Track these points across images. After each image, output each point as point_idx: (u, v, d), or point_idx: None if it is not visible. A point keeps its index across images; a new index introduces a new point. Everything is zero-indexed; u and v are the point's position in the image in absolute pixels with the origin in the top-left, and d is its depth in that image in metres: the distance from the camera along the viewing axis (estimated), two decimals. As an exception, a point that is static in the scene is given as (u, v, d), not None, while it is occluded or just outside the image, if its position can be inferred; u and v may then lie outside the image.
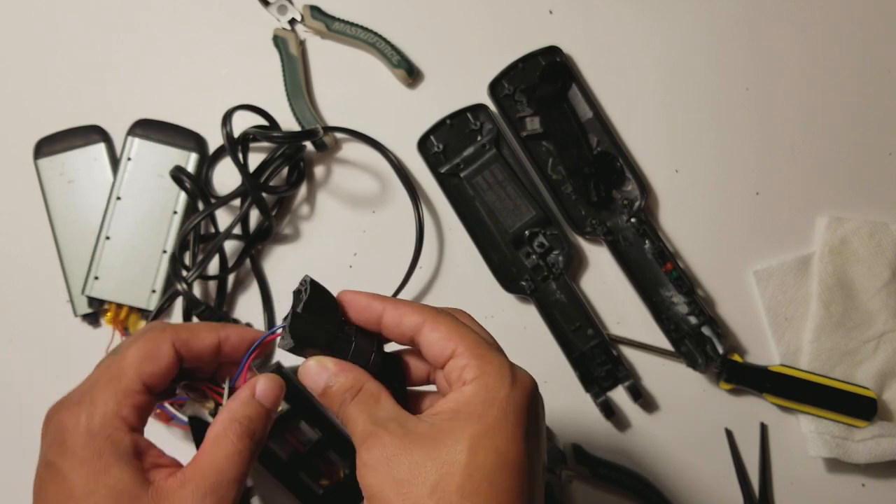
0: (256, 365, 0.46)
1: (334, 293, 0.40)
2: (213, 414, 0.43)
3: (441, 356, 0.37)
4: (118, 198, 0.61)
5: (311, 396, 0.46)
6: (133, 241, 0.61)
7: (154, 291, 0.60)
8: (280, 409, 0.42)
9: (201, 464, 0.36)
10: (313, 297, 0.38)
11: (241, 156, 0.58)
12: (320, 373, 0.37)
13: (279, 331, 0.38)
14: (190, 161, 0.62)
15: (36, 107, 0.65)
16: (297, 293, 0.38)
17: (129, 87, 0.65)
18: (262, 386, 0.39)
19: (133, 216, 0.61)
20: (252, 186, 0.58)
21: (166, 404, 0.57)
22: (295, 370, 0.39)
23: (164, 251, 0.61)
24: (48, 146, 0.63)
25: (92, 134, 0.63)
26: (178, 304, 0.62)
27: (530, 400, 0.36)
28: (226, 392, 0.41)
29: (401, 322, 0.38)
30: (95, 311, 0.61)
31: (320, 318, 0.38)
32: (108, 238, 0.61)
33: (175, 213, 0.61)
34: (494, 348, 0.38)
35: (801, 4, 0.66)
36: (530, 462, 0.34)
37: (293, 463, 0.55)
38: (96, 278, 0.60)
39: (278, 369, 0.43)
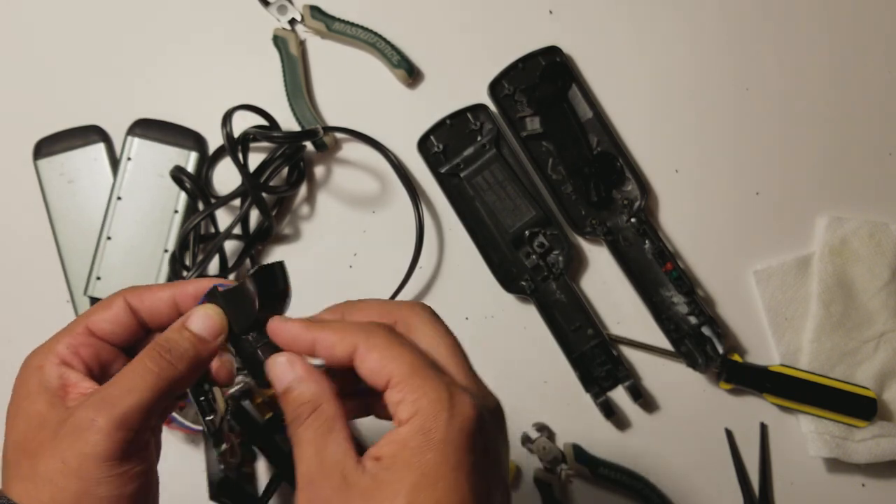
0: None
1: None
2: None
3: (377, 385, 0.34)
4: (119, 198, 0.61)
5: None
6: (134, 241, 0.61)
7: (155, 291, 0.60)
8: None
9: (110, 390, 0.35)
10: (263, 285, 0.37)
11: (241, 156, 0.58)
12: (286, 372, 0.35)
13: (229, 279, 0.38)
14: (190, 160, 0.62)
15: (35, 107, 0.65)
16: (261, 270, 0.37)
17: (128, 88, 0.65)
18: (197, 316, 0.37)
19: (134, 216, 0.61)
20: (252, 186, 0.58)
21: None
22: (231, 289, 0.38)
23: (166, 251, 0.61)
24: (48, 146, 0.63)
25: (91, 134, 0.63)
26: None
27: (473, 435, 0.32)
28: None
29: (333, 353, 0.35)
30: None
31: (243, 306, 0.37)
32: (109, 238, 0.61)
33: (176, 212, 0.61)
34: (432, 372, 0.34)
35: (802, 5, 0.66)
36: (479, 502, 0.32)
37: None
38: (98, 278, 0.60)
39: (212, 291, 0.39)
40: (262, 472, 0.60)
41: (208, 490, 0.53)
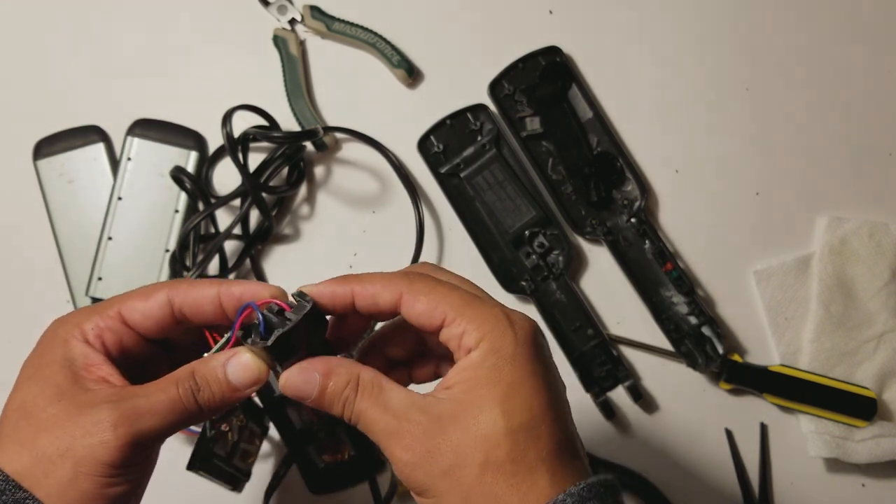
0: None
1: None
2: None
3: (431, 326, 0.36)
4: (119, 198, 0.61)
5: None
6: (135, 241, 0.61)
7: (157, 290, 0.60)
8: None
9: (139, 402, 0.35)
10: (305, 320, 0.36)
11: (241, 156, 0.58)
12: (308, 380, 0.36)
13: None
14: (190, 159, 0.62)
15: (34, 108, 0.65)
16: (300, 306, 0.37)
17: (128, 88, 0.65)
18: (238, 363, 0.36)
19: (134, 216, 0.61)
20: (252, 186, 0.58)
21: None
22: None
23: (167, 250, 0.61)
24: (47, 147, 0.63)
25: (91, 134, 0.63)
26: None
27: (535, 344, 0.35)
28: (215, 347, 0.39)
29: (376, 303, 0.36)
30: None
31: (301, 339, 0.37)
32: (110, 238, 0.61)
33: (176, 211, 0.61)
34: (481, 300, 0.36)
35: (802, 5, 0.66)
36: (558, 402, 0.35)
37: (304, 433, 0.55)
38: (100, 279, 0.60)
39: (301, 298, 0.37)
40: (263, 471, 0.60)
41: (189, 458, 0.53)
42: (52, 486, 0.33)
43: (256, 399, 0.55)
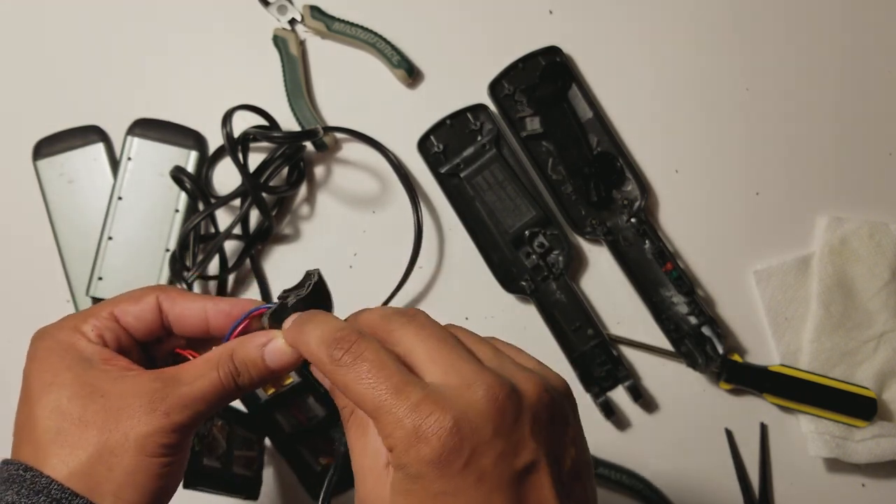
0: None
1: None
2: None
3: (410, 360, 0.33)
4: (119, 198, 0.61)
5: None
6: (136, 241, 0.61)
7: (157, 290, 0.60)
8: (289, 381, 0.41)
9: (184, 389, 0.36)
10: (313, 294, 0.38)
11: (241, 156, 0.58)
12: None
13: (270, 307, 0.38)
14: (190, 159, 0.62)
15: (34, 108, 0.65)
16: (305, 280, 0.38)
17: (128, 88, 0.65)
18: (275, 346, 0.37)
19: (135, 216, 0.61)
20: (252, 186, 0.58)
21: None
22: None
23: (167, 250, 0.61)
24: (47, 147, 0.63)
25: (90, 134, 0.63)
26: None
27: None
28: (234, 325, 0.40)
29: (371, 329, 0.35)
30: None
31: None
32: (110, 238, 0.61)
33: (177, 211, 0.61)
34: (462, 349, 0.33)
35: (802, 5, 0.66)
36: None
37: (295, 436, 0.55)
38: (100, 279, 0.60)
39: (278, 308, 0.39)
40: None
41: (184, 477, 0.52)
42: (119, 476, 0.34)
43: (241, 404, 0.55)
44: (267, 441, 0.57)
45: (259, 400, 0.54)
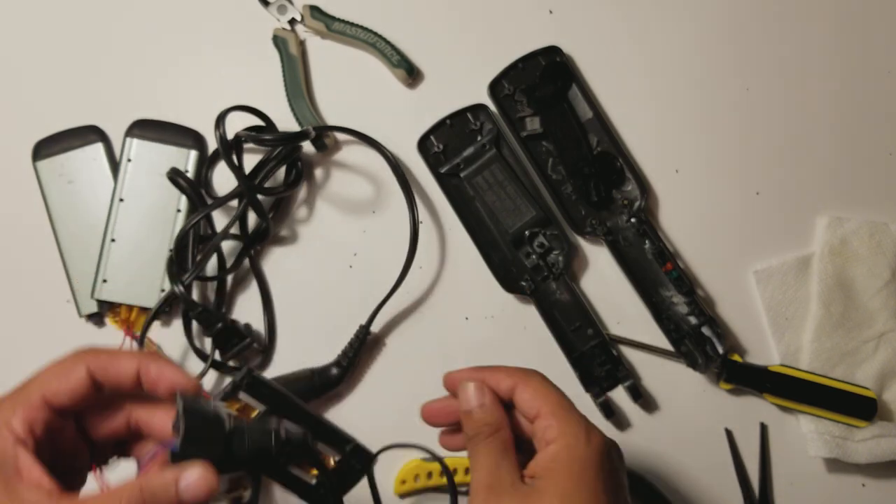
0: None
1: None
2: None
3: (530, 414, 0.43)
4: (121, 199, 0.61)
5: (290, 396, 0.45)
6: (138, 242, 0.61)
7: (163, 291, 0.60)
8: (255, 412, 0.43)
9: None
10: (191, 422, 0.37)
11: (235, 158, 0.57)
12: (476, 396, 0.44)
13: (169, 449, 0.37)
14: (190, 159, 0.62)
15: (32, 109, 0.64)
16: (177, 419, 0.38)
17: (128, 88, 0.65)
18: (192, 479, 0.36)
19: (136, 217, 0.61)
20: (247, 188, 0.57)
21: None
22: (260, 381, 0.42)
23: (170, 250, 0.61)
24: (46, 148, 0.62)
25: (89, 134, 0.63)
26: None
27: (604, 456, 0.41)
28: (142, 461, 0.40)
29: (499, 387, 0.44)
30: (100, 311, 0.61)
31: (203, 442, 0.37)
32: (113, 240, 0.61)
33: (179, 211, 0.61)
34: (572, 409, 0.43)
35: (802, 5, 0.66)
36: None
37: (280, 459, 0.54)
38: (104, 281, 0.60)
39: (248, 374, 0.41)
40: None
41: None
42: None
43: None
44: None
45: (271, 452, 0.54)
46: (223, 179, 0.63)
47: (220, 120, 0.56)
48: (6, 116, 0.65)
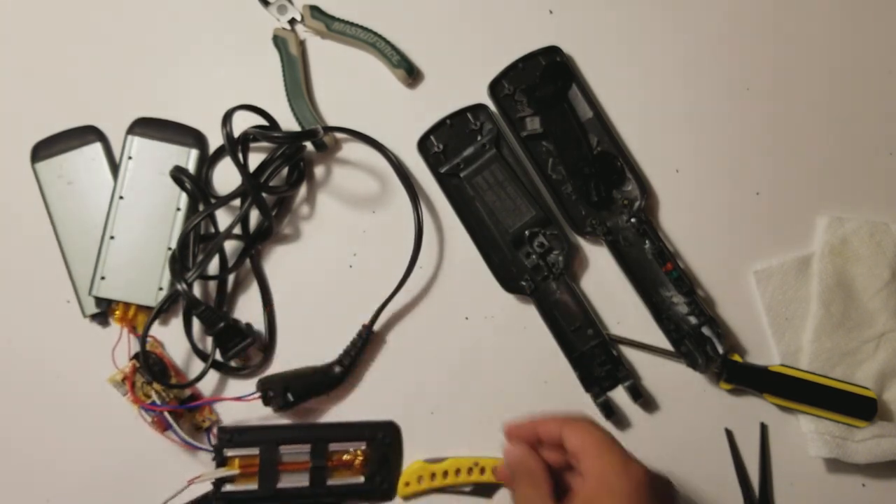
0: None
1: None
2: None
3: (576, 452, 0.48)
4: (121, 197, 0.61)
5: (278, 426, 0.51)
6: (137, 240, 0.61)
7: (161, 289, 0.60)
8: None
9: None
10: None
11: (241, 156, 0.58)
12: (514, 452, 0.51)
13: None
14: (190, 157, 0.62)
15: (30, 110, 0.64)
16: None
17: (128, 88, 0.65)
18: None
19: (136, 215, 0.61)
20: (252, 186, 0.58)
21: (165, 413, 0.57)
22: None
23: (169, 248, 0.61)
24: (45, 149, 0.63)
25: (88, 134, 0.63)
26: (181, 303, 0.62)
27: (645, 488, 0.45)
28: None
29: (550, 431, 0.50)
30: (104, 311, 0.61)
31: None
32: (112, 238, 0.61)
33: (178, 209, 0.61)
34: (615, 445, 0.48)
35: (802, 5, 0.66)
36: None
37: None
38: (103, 278, 0.60)
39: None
40: None
41: None
42: None
43: None
44: None
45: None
46: (223, 179, 0.63)
47: (227, 118, 0.56)
48: (6, 117, 0.65)
